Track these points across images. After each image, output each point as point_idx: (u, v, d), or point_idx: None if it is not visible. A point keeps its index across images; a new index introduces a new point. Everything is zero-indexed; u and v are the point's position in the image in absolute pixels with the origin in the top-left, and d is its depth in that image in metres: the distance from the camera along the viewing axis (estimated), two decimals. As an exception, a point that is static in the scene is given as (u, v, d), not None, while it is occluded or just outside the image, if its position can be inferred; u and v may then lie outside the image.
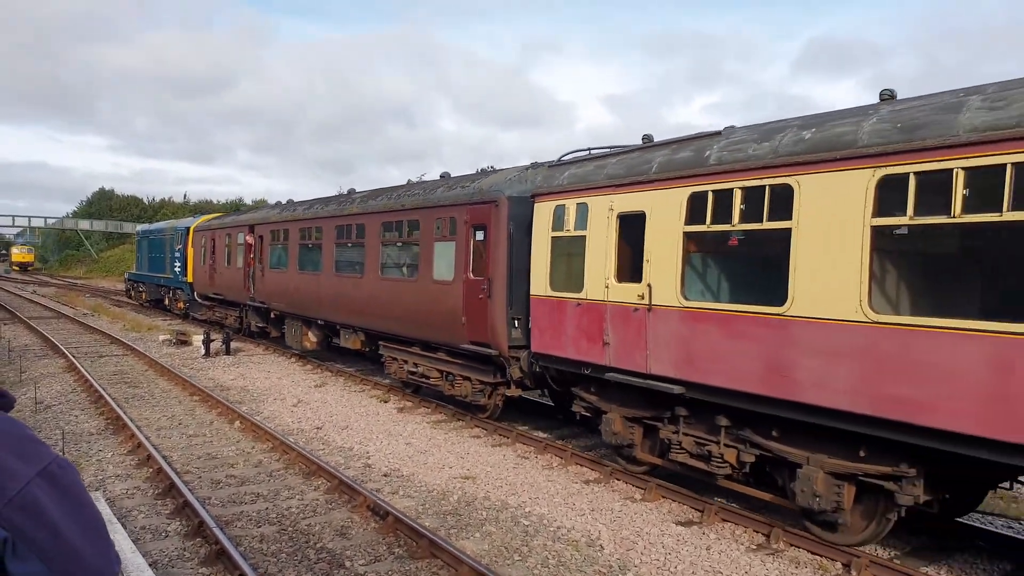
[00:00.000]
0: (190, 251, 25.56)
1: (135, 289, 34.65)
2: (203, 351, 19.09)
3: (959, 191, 5.50)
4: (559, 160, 10.31)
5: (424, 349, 12.67)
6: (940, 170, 5.64)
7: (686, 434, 8.08)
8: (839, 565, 6.74)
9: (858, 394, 6.14)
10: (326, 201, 17.74)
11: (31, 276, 70.38)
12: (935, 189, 5.72)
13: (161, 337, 22.18)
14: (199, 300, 24.84)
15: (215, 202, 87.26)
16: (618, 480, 9.14)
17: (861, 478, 6.51)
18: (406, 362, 13.26)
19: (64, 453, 9.73)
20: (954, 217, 5.55)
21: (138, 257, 34.93)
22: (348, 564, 6.57)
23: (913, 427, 5.79)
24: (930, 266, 7.55)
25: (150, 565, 6.20)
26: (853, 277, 6.17)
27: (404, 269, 13.51)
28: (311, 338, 17.62)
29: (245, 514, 7.80)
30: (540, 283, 9.83)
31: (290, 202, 20.85)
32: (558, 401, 12.02)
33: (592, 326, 8.95)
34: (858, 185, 6.16)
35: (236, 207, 65.57)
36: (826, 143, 6.55)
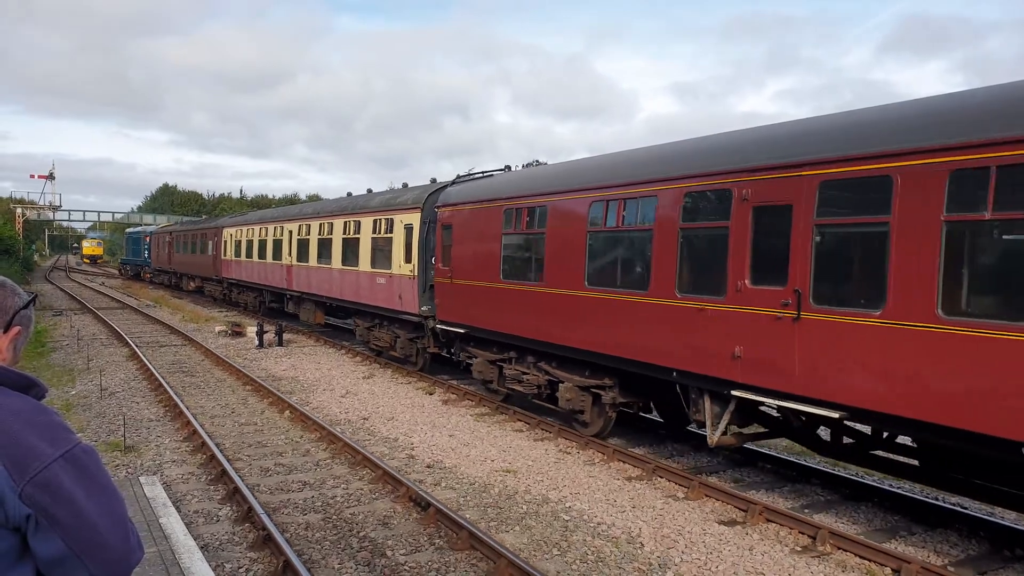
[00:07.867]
0: (151, 245, 48.23)
1: (123, 268, 58.39)
2: (257, 342, 19.67)
3: None
4: (232, 216, 34.25)
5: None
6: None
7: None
8: (888, 571, 6.53)
9: None
10: (191, 223, 43.93)
11: (100, 268, 73.65)
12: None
13: (217, 328, 22.94)
14: (154, 271, 46.40)
15: (271, 197, 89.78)
16: (661, 478, 9.06)
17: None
18: (208, 287, 34.19)
19: (125, 439, 10.18)
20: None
21: (126, 248, 59.73)
22: (389, 553, 6.69)
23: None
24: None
25: (201, 548, 6.44)
26: None
27: (206, 252, 33.29)
28: (191, 285, 37.41)
29: (292, 501, 8.02)
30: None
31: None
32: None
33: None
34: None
35: (291, 202, 70.95)
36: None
